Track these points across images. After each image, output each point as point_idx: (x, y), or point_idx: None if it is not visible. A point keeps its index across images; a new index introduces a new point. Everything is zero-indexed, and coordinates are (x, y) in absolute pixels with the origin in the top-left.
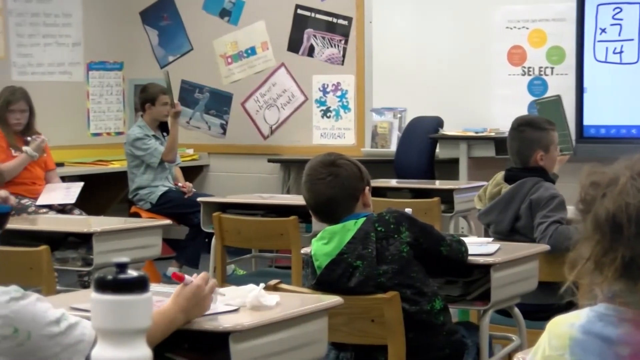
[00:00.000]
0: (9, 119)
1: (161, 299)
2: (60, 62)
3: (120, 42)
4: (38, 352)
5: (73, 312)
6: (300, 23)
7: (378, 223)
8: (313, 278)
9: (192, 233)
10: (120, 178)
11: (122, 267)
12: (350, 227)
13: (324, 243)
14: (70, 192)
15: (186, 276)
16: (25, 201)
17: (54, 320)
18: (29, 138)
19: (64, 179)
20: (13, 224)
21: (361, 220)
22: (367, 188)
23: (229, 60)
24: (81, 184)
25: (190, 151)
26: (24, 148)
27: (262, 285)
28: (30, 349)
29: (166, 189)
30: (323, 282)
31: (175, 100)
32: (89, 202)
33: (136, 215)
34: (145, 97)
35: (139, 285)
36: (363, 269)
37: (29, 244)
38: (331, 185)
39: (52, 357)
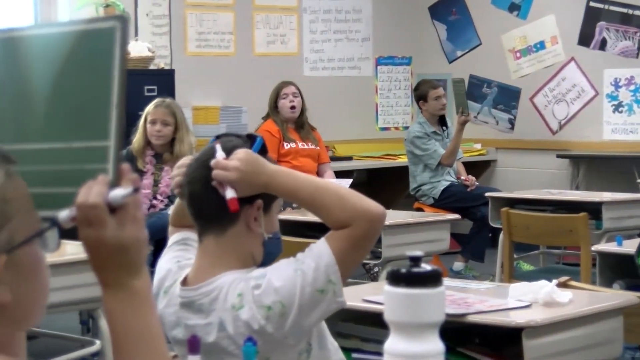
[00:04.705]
0: (283, 105)
1: (452, 294)
2: (350, 57)
3: (408, 37)
4: (305, 307)
5: (365, 305)
6: (592, 16)
7: None
8: None
9: (476, 227)
10: (406, 172)
11: (415, 260)
12: None
13: None
14: None
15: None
16: None
17: (292, 274)
18: None
19: (352, 172)
20: (295, 215)
21: None
22: None
23: (518, 54)
24: (350, 180)
25: (478, 146)
26: None
27: (554, 281)
28: (298, 310)
29: (448, 183)
30: None
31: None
32: (375, 196)
33: (420, 210)
34: (417, 95)
35: (432, 279)
36: None
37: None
38: None
39: (318, 288)
